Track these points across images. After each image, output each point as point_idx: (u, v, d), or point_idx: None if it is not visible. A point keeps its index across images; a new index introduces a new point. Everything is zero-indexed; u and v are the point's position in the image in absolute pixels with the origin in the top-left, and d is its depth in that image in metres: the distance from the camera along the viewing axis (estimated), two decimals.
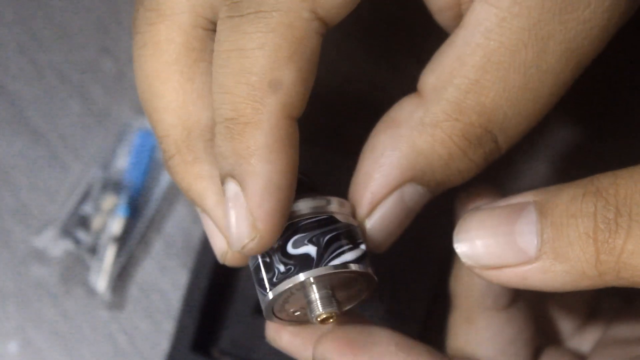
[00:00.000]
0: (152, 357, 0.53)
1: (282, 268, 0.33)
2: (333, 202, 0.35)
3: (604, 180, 0.30)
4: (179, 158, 0.36)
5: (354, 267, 0.33)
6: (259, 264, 0.34)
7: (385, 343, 0.33)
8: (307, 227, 0.34)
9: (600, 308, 0.43)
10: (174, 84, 0.36)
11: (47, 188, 0.55)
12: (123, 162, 0.55)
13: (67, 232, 0.54)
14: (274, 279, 0.33)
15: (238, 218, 0.33)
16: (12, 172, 0.55)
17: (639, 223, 0.29)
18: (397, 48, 0.54)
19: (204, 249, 0.49)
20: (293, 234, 0.34)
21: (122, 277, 0.53)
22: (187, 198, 0.37)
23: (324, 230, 0.34)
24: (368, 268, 0.34)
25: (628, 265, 0.29)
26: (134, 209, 0.54)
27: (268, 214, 0.32)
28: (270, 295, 0.34)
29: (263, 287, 0.34)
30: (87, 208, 0.54)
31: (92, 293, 0.53)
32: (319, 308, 0.34)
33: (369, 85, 0.54)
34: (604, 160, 0.52)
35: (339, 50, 0.54)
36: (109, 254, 0.53)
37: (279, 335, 0.37)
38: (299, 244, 0.33)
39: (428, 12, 0.38)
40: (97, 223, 0.54)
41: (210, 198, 0.36)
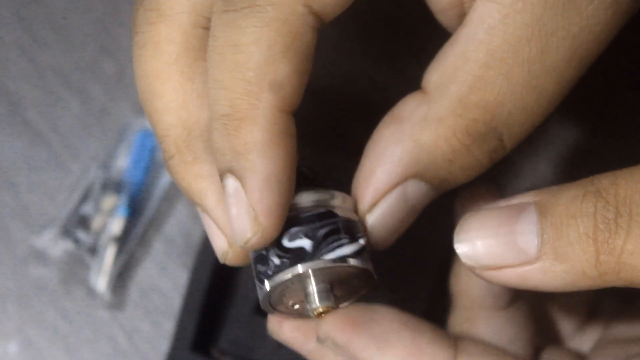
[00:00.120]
0: (152, 357, 0.53)
1: (277, 261, 0.33)
2: (335, 196, 0.34)
3: (604, 181, 0.30)
4: (179, 158, 0.36)
5: (350, 261, 0.33)
6: (256, 257, 0.34)
7: (389, 321, 0.33)
8: (304, 220, 0.34)
9: (600, 308, 0.43)
10: (174, 84, 0.36)
11: (47, 188, 0.55)
12: (123, 162, 0.55)
13: (67, 232, 0.54)
14: (269, 272, 0.33)
15: (239, 213, 0.33)
16: (12, 172, 0.55)
17: (639, 223, 0.29)
18: (396, 48, 0.54)
19: (204, 249, 0.49)
20: (289, 227, 0.33)
21: (122, 277, 0.53)
22: (187, 198, 0.37)
23: (321, 224, 0.34)
24: (366, 263, 0.34)
25: (628, 266, 0.29)
26: (134, 209, 0.54)
27: (269, 208, 0.32)
28: (265, 288, 0.34)
29: (259, 279, 0.34)
30: (87, 208, 0.54)
31: (92, 293, 0.53)
32: (315, 301, 0.34)
33: (369, 85, 0.54)
34: (604, 160, 0.52)
35: (339, 50, 0.54)
36: (109, 254, 0.53)
37: (281, 328, 0.37)
38: (295, 237, 0.33)
39: (428, 11, 0.38)
40: (97, 223, 0.54)
41: (211, 198, 0.36)
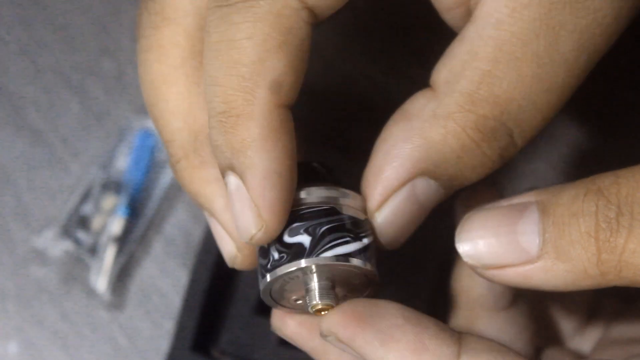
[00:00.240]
0: (152, 357, 0.53)
1: (276, 255, 0.33)
2: (343, 193, 0.34)
3: (606, 180, 0.30)
4: (186, 162, 0.36)
5: (351, 260, 0.33)
6: (258, 250, 0.34)
7: (393, 316, 0.32)
8: (306, 216, 0.33)
9: (600, 308, 0.43)
10: (180, 88, 0.36)
11: (47, 188, 0.55)
12: (123, 162, 0.55)
13: (67, 232, 0.54)
14: (268, 266, 0.33)
15: (243, 210, 0.33)
16: (12, 172, 0.55)
17: None
18: (396, 48, 0.54)
19: (204, 249, 0.49)
20: (291, 223, 0.33)
21: (122, 277, 0.53)
22: (194, 202, 0.37)
23: (323, 221, 0.33)
24: (368, 263, 0.34)
25: (630, 264, 0.29)
26: (134, 209, 0.54)
27: (271, 203, 0.32)
28: (265, 281, 0.34)
29: (260, 273, 0.34)
30: (87, 208, 0.54)
31: (92, 293, 0.53)
32: (315, 298, 0.33)
33: (369, 85, 0.54)
34: (604, 160, 0.52)
35: (339, 50, 0.54)
36: (109, 254, 0.53)
37: (285, 324, 0.36)
38: (295, 233, 0.33)
39: (428, 12, 0.38)
40: (97, 223, 0.54)
41: (218, 202, 0.36)
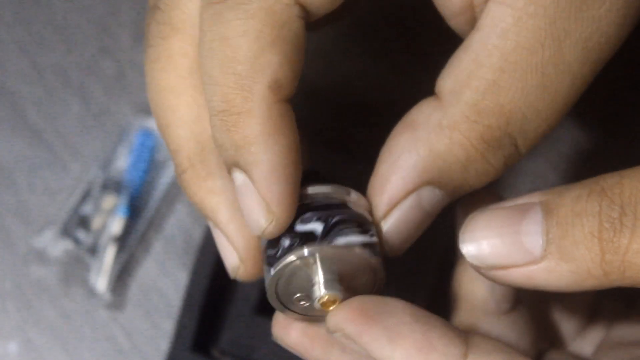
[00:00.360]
0: (152, 357, 0.53)
1: (287, 243, 0.33)
2: (350, 193, 0.34)
3: (609, 180, 0.30)
4: (192, 172, 0.36)
5: (359, 249, 0.33)
6: (267, 242, 0.34)
7: (401, 313, 0.32)
8: (317, 207, 0.34)
9: (601, 310, 0.43)
10: (188, 98, 0.36)
11: (47, 188, 0.55)
12: (123, 162, 0.55)
13: (67, 232, 0.54)
14: (278, 254, 0.33)
15: (252, 205, 0.33)
16: (12, 172, 0.55)
17: None
18: (398, 49, 0.54)
19: (204, 249, 0.49)
20: (302, 213, 0.34)
21: (122, 277, 0.53)
22: (198, 213, 0.37)
23: (334, 212, 0.34)
24: (375, 256, 0.34)
25: (633, 265, 0.29)
26: (134, 209, 0.54)
27: (279, 196, 0.32)
28: (272, 271, 0.33)
29: (268, 263, 0.34)
30: (87, 208, 0.54)
31: (92, 293, 0.53)
32: (321, 289, 0.33)
33: (369, 85, 0.54)
34: (604, 160, 0.52)
35: (339, 50, 0.54)
36: (109, 254, 0.53)
37: (287, 333, 0.36)
38: (307, 222, 0.33)
39: (428, 12, 0.38)
40: (97, 223, 0.54)
41: (223, 213, 0.36)
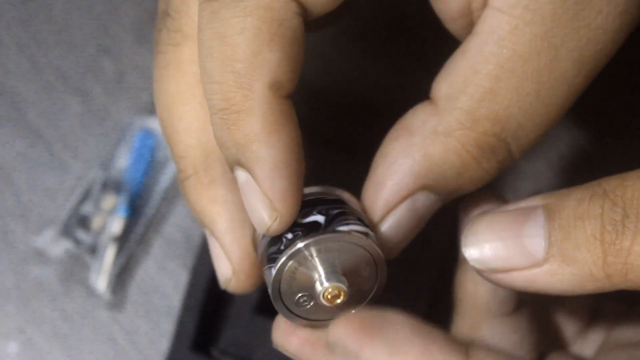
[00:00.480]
0: (152, 357, 0.53)
1: (289, 235, 0.33)
2: (344, 193, 0.35)
3: (611, 183, 0.30)
4: (195, 180, 0.36)
5: (361, 235, 0.33)
6: (267, 242, 0.34)
7: (402, 327, 0.32)
8: (317, 202, 0.34)
9: (602, 312, 0.43)
10: (195, 105, 0.36)
11: (47, 188, 0.55)
12: (123, 162, 0.55)
13: (67, 232, 0.54)
14: (281, 247, 0.33)
15: (255, 203, 0.33)
16: (12, 172, 0.55)
17: None
18: (397, 48, 0.54)
19: (204, 249, 0.49)
20: (302, 208, 0.34)
21: (122, 277, 0.53)
22: (196, 220, 0.37)
23: (334, 206, 0.34)
24: (377, 246, 0.34)
25: (635, 267, 0.29)
26: (134, 209, 0.54)
27: (283, 193, 0.33)
28: (277, 264, 0.33)
29: (271, 260, 0.34)
30: (87, 208, 0.54)
31: (92, 293, 0.53)
32: (324, 282, 0.33)
33: (369, 85, 0.54)
34: (604, 160, 0.52)
35: (339, 50, 0.54)
36: (109, 254, 0.53)
37: (288, 341, 0.35)
38: (308, 214, 0.33)
39: (428, 12, 0.38)
40: (97, 223, 0.54)
41: (221, 224, 0.36)
